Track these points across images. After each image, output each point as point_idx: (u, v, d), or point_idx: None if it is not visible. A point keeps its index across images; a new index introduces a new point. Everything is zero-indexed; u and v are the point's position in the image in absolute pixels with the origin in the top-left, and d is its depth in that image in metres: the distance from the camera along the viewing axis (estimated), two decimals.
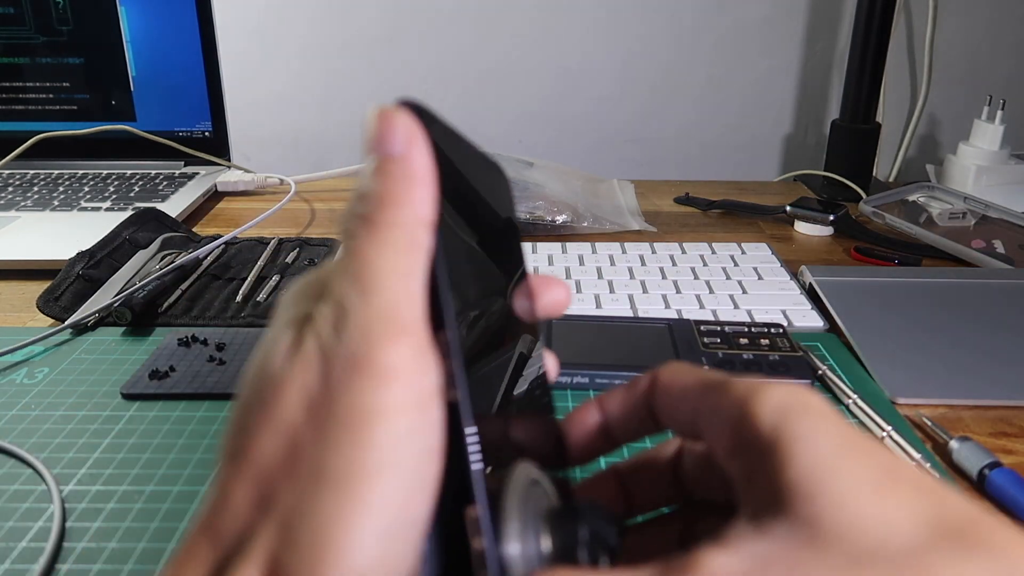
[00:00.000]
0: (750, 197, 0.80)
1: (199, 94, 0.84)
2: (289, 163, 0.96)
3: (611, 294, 0.58)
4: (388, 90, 0.95)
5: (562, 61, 0.94)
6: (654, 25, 0.93)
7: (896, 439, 0.40)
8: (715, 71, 0.95)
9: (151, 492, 0.37)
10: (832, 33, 0.93)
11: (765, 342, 0.48)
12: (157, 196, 0.77)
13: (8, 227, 0.69)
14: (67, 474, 0.38)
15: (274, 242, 0.66)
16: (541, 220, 0.70)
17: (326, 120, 0.97)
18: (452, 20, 0.92)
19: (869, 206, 0.72)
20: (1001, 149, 0.79)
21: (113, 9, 0.81)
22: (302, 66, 0.94)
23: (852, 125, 0.83)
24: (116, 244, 0.63)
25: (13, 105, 0.84)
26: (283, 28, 0.92)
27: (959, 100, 0.95)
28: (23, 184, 0.80)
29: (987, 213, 0.69)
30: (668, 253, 0.65)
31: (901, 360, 0.48)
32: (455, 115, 0.95)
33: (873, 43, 0.79)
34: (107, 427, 0.42)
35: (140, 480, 0.38)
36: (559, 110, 0.96)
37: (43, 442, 0.41)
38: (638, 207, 0.77)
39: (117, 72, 0.83)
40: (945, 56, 0.92)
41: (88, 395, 0.45)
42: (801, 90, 0.96)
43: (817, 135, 0.98)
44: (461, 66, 0.94)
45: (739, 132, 0.97)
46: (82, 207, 0.74)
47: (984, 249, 0.65)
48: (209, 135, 0.86)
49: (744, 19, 0.92)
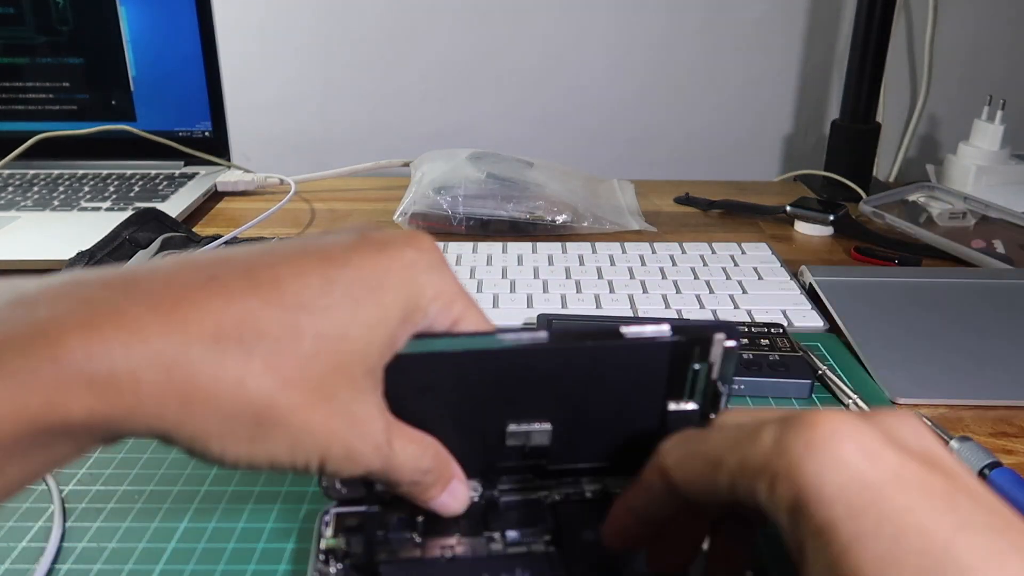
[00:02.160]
0: (750, 197, 0.80)
1: (199, 94, 0.84)
2: (289, 163, 0.96)
3: (611, 294, 0.58)
4: (388, 90, 0.95)
5: (562, 62, 0.94)
6: (654, 25, 0.93)
7: None
8: (715, 71, 0.95)
9: (151, 492, 0.37)
10: (832, 33, 0.93)
11: (765, 342, 0.48)
12: (157, 196, 0.77)
13: (8, 227, 0.69)
14: (67, 474, 0.38)
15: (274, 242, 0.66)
16: (541, 220, 0.70)
17: (326, 120, 0.97)
18: (453, 21, 0.92)
19: (869, 206, 0.72)
20: (1001, 149, 0.79)
21: (113, 9, 0.81)
22: (302, 66, 0.94)
23: (852, 125, 0.83)
24: (116, 244, 0.63)
25: (13, 105, 0.84)
26: (283, 28, 0.92)
27: (959, 100, 0.94)
28: (23, 184, 0.80)
29: (987, 213, 0.69)
30: (668, 253, 0.65)
31: (901, 360, 0.48)
32: (455, 115, 0.95)
33: (873, 43, 0.79)
34: None
35: (140, 480, 0.38)
36: (559, 110, 0.96)
37: None
38: (638, 207, 0.77)
39: (117, 72, 0.83)
40: (945, 56, 0.92)
41: None
42: (801, 90, 0.96)
43: (817, 135, 0.98)
44: (461, 66, 0.94)
45: (739, 132, 0.97)
46: (82, 207, 0.74)
47: (984, 249, 0.65)
48: (209, 135, 0.86)
49: (744, 19, 0.92)
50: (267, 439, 0.22)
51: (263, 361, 0.21)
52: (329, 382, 0.23)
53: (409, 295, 0.25)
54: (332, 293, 0.23)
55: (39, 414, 0.19)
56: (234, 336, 0.21)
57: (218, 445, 0.21)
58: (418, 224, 0.71)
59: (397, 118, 0.96)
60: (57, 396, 0.19)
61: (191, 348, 0.20)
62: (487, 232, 0.71)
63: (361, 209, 0.80)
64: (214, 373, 0.21)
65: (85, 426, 0.20)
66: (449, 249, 0.66)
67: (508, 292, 0.58)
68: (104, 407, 0.19)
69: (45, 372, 0.19)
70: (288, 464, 0.23)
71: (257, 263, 0.23)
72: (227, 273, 0.22)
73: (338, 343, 0.23)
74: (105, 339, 0.20)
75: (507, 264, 0.63)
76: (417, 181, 0.75)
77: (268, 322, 0.22)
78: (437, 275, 0.26)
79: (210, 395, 0.21)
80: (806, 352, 0.48)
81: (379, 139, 0.97)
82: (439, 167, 0.76)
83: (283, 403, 0.22)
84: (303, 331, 0.22)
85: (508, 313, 0.55)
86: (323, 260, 0.24)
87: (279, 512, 0.36)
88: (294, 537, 0.34)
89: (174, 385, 0.20)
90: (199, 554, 0.33)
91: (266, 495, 0.37)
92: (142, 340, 0.20)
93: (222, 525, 0.35)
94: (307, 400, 0.22)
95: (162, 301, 0.21)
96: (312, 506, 0.36)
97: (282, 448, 0.22)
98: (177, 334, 0.20)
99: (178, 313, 0.21)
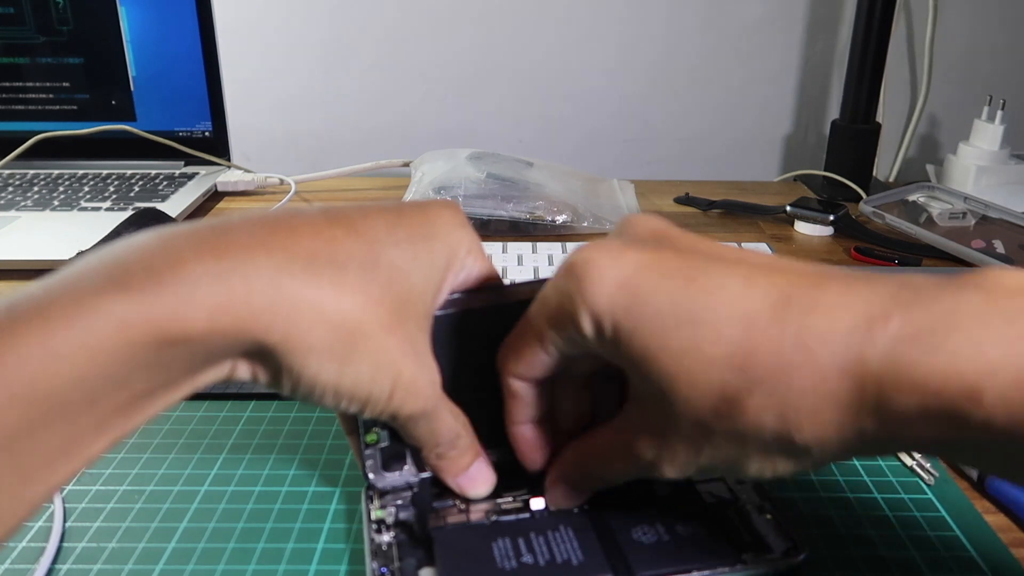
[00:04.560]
0: (750, 197, 0.80)
1: (199, 94, 0.84)
2: (289, 163, 0.96)
3: None
4: (388, 90, 0.95)
5: (562, 62, 0.94)
6: (654, 25, 0.93)
7: None
8: (715, 71, 0.95)
9: (151, 492, 0.37)
10: (832, 33, 0.93)
11: None
12: (157, 196, 0.77)
13: (8, 227, 0.69)
14: None
15: None
16: (541, 220, 0.70)
17: (326, 120, 0.97)
18: (453, 19, 0.92)
19: (869, 206, 0.72)
20: (1001, 149, 0.79)
21: (113, 9, 0.81)
22: (302, 66, 0.94)
23: (852, 125, 0.83)
24: None
25: (13, 105, 0.84)
26: (283, 28, 0.92)
27: (959, 100, 0.95)
28: (23, 184, 0.80)
29: (987, 213, 0.69)
30: None
31: None
32: (456, 115, 0.95)
33: (873, 43, 0.79)
34: None
35: (140, 480, 0.38)
36: (559, 110, 0.96)
37: None
38: (638, 207, 0.77)
39: (117, 72, 0.83)
40: (945, 56, 0.92)
41: None
42: (801, 90, 0.96)
43: (817, 135, 0.98)
44: (462, 66, 0.94)
45: (739, 132, 0.97)
46: (82, 207, 0.74)
47: (984, 249, 0.65)
48: (209, 135, 0.86)
49: (744, 19, 0.92)
50: (354, 358, 0.24)
51: (353, 280, 0.24)
52: (401, 310, 0.26)
53: (451, 247, 0.28)
54: (396, 233, 0.26)
55: (164, 325, 0.21)
56: (326, 257, 0.24)
57: (315, 362, 0.24)
58: None
59: (397, 118, 0.96)
60: (180, 309, 0.21)
61: (293, 265, 0.23)
62: (487, 232, 0.71)
63: None
64: (316, 286, 0.23)
65: (203, 341, 0.22)
66: None
67: None
68: (222, 320, 0.22)
69: (170, 288, 0.21)
70: (366, 392, 0.25)
71: (328, 209, 0.26)
72: (306, 212, 0.26)
73: (406, 276, 0.26)
74: (220, 260, 0.22)
75: (507, 264, 0.63)
76: (417, 181, 0.75)
77: (352, 247, 0.25)
78: (468, 232, 0.29)
79: (313, 306, 0.23)
80: None
81: (379, 139, 0.97)
82: (439, 167, 0.76)
83: (371, 318, 0.24)
84: (379, 259, 0.25)
85: None
86: (382, 210, 0.27)
87: (278, 513, 0.36)
88: (294, 536, 0.34)
89: (283, 296, 0.23)
90: (199, 554, 0.33)
91: (266, 495, 0.37)
92: (250, 260, 0.23)
93: (221, 525, 0.35)
94: (388, 321, 0.25)
95: (259, 231, 0.24)
96: (310, 506, 0.36)
97: (365, 370, 0.25)
98: (279, 255, 0.23)
99: (276, 240, 0.24)
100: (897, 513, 0.36)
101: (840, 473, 0.39)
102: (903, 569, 0.33)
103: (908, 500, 0.37)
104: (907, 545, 0.34)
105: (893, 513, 0.36)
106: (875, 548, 0.34)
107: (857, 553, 0.33)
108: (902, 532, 0.35)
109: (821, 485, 0.38)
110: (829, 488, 0.38)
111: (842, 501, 0.37)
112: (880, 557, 0.33)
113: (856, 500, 0.37)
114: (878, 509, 0.36)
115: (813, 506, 0.36)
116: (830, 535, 0.34)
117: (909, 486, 0.38)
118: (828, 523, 0.35)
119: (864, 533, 0.35)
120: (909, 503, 0.37)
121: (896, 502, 0.37)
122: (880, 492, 0.37)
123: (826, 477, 0.38)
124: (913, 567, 0.33)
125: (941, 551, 0.34)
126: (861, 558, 0.33)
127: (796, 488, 0.37)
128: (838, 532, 0.35)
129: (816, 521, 0.35)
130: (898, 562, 0.33)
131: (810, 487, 0.38)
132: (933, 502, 0.37)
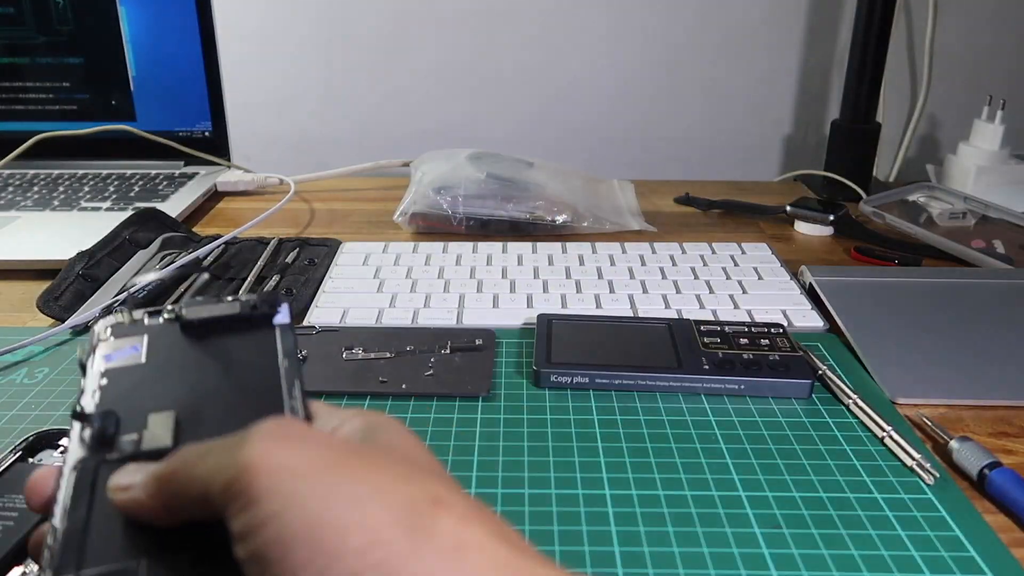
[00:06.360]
0: (750, 197, 0.80)
1: (199, 94, 0.84)
2: (289, 163, 0.96)
3: (611, 294, 0.58)
4: (389, 90, 0.95)
5: (562, 61, 0.94)
6: (654, 25, 0.93)
7: (896, 439, 0.40)
8: (715, 71, 0.95)
9: None
10: (832, 33, 0.93)
11: (765, 342, 0.48)
12: (157, 196, 0.77)
13: (8, 227, 0.69)
14: None
15: (274, 242, 0.66)
16: (541, 220, 0.70)
17: (326, 120, 0.97)
18: (453, 20, 0.92)
19: (869, 206, 0.72)
20: (1001, 149, 0.78)
21: (113, 9, 0.81)
22: (302, 66, 0.94)
23: (852, 125, 0.83)
24: (116, 244, 0.63)
25: (13, 105, 0.84)
26: (283, 28, 0.92)
27: (959, 100, 0.94)
28: (23, 184, 0.80)
29: (987, 213, 0.69)
30: (668, 253, 0.65)
31: (901, 360, 0.48)
32: (456, 115, 0.95)
33: (873, 43, 0.79)
34: None
35: None
36: (560, 110, 0.96)
37: None
38: (638, 207, 0.77)
39: (117, 72, 0.83)
40: (945, 56, 0.92)
41: None
42: (801, 90, 0.96)
43: (817, 135, 0.98)
44: (462, 66, 0.94)
45: (739, 132, 0.97)
46: (82, 207, 0.74)
47: (984, 249, 0.65)
48: (209, 135, 0.86)
49: (744, 20, 0.92)
50: None
51: None
52: None
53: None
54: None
55: None
56: None
57: None
58: (418, 224, 0.71)
59: (397, 118, 0.96)
60: None
61: None
62: (487, 232, 0.71)
63: (361, 209, 0.80)
64: None
65: None
66: (449, 249, 0.66)
67: (508, 292, 0.58)
68: None
69: None
70: None
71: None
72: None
73: None
74: None
75: (507, 264, 0.63)
76: (417, 181, 0.75)
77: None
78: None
79: None
80: (806, 352, 0.48)
81: (379, 139, 0.97)
82: (439, 167, 0.76)
83: None
84: None
85: (508, 313, 0.55)
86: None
87: None
88: None
89: None
90: None
91: None
92: None
93: None
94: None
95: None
96: None
97: None
98: None
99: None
100: (897, 513, 0.36)
101: (840, 473, 0.39)
102: (903, 569, 0.33)
103: (908, 500, 0.37)
104: (907, 545, 0.34)
105: (893, 513, 0.36)
106: (875, 548, 0.34)
107: (857, 553, 0.33)
108: (902, 532, 0.35)
109: (821, 485, 0.38)
110: (829, 488, 0.38)
111: (842, 500, 0.37)
112: (880, 557, 0.33)
113: (856, 500, 0.37)
114: (878, 509, 0.36)
115: (813, 506, 0.36)
116: (830, 535, 0.34)
117: (909, 486, 0.38)
118: (828, 523, 0.35)
119: (864, 533, 0.35)
120: (909, 503, 0.37)
121: (896, 502, 0.37)
122: (880, 492, 0.37)
123: (826, 477, 0.38)
124: (913, 567, 0.33)
125: (941, 551, 0.34)
126: (861, 558, 0.33)
127: (796, 488, 0.37)
128: (838, 532, 0.35)
129: (816, 521, 0.35)
130: (898, 562, 0.33)
131: (810, 487, 0.38)
132: (933, 502, 0.37)
